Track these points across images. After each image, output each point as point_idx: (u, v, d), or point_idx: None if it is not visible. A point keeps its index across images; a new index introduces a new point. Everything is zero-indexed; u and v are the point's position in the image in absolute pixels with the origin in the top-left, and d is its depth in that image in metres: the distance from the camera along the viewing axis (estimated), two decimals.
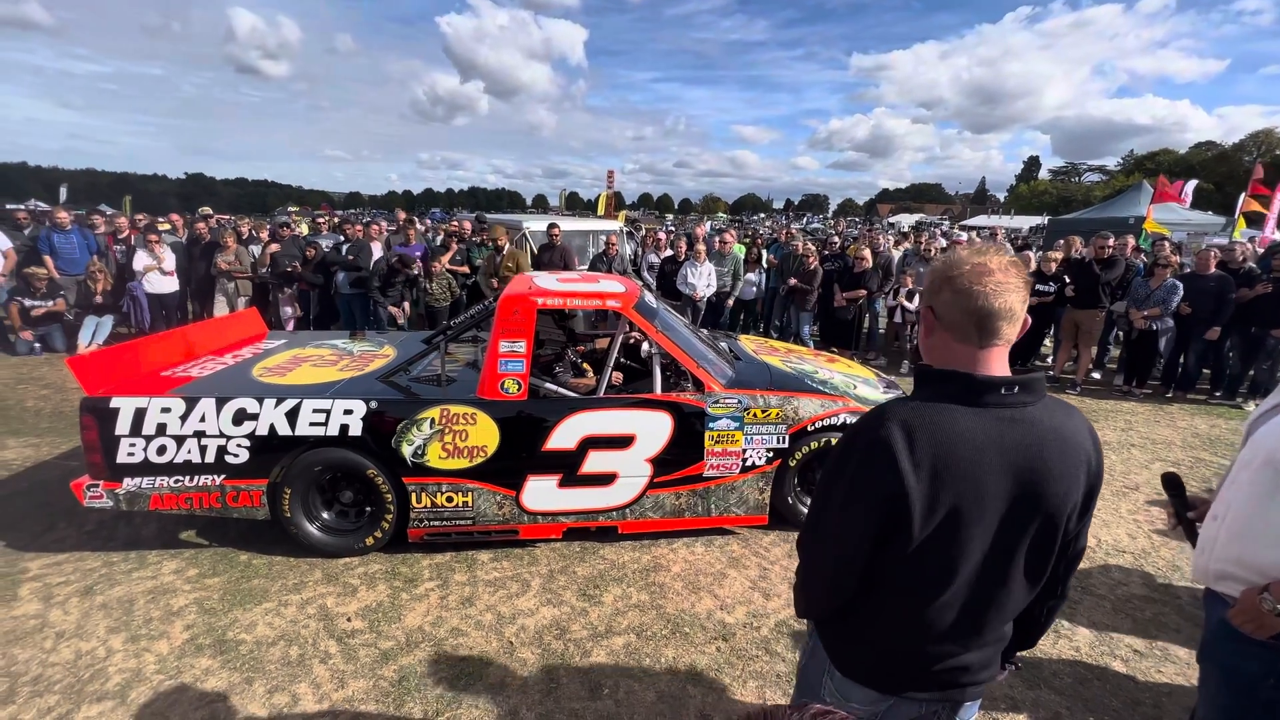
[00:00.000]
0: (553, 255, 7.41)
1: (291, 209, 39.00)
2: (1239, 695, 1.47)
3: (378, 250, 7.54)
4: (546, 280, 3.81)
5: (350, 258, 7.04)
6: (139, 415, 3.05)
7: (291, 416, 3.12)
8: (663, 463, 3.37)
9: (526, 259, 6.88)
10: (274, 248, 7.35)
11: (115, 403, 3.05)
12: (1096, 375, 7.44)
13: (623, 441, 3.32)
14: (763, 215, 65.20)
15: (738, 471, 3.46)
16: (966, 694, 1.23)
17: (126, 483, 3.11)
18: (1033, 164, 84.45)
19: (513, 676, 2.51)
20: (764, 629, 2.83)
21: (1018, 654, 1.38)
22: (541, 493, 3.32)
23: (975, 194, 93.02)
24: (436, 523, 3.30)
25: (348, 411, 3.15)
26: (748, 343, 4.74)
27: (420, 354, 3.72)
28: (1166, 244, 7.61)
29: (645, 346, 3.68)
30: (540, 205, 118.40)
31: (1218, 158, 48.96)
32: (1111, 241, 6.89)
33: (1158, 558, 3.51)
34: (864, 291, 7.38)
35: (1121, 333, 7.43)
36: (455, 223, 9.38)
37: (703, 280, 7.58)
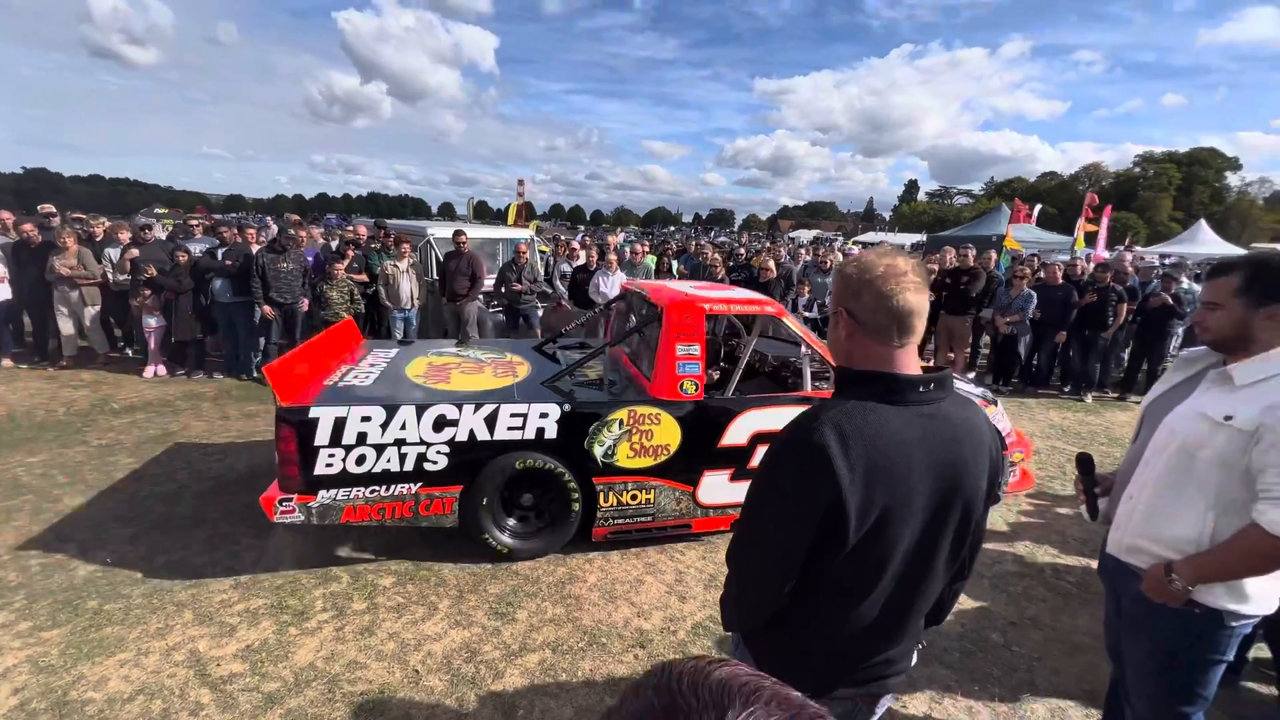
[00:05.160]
0: (459, 264, 7.15)
1: (159, 210, 34.90)
2: (1164, 660, 1.65)
3: None
4: (688, 287, 3.93)
5: (228, 263, 6.40)
6: (339, 425, 2.93)
7: (490, 421, 3.11)
8: None
9: None
10: (134, 252, 6.52)
11: (314, 412, 2.92)
12: (970, 376, 8.23)
13: None
14: (673, 229, 66.82)
15: None
16: (888, 686, 1.24)
17: (321, 495, 2.98)
18: (912, 187, 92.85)
19: (419, 707, 2.34)
20: (681, 632, 2.84)
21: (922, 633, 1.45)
22: (716, 487, 3.46)
23: (864, 212, 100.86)
24: (620, 520, 3.40)
25: (543, 415, 3.18)
26: None
27: (581, 360, 3.72)
28: (1035, 259, 8.61)
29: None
30: (447, 213, 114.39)
31: (1059, 186, 56.44)
32: (971, 253, 7.73)
33: (1026, 536, 3.91)
34: None
35: (989, 336, 8.29)
36: (350, 229, 8.81)
37: (615, 289, 7.59)
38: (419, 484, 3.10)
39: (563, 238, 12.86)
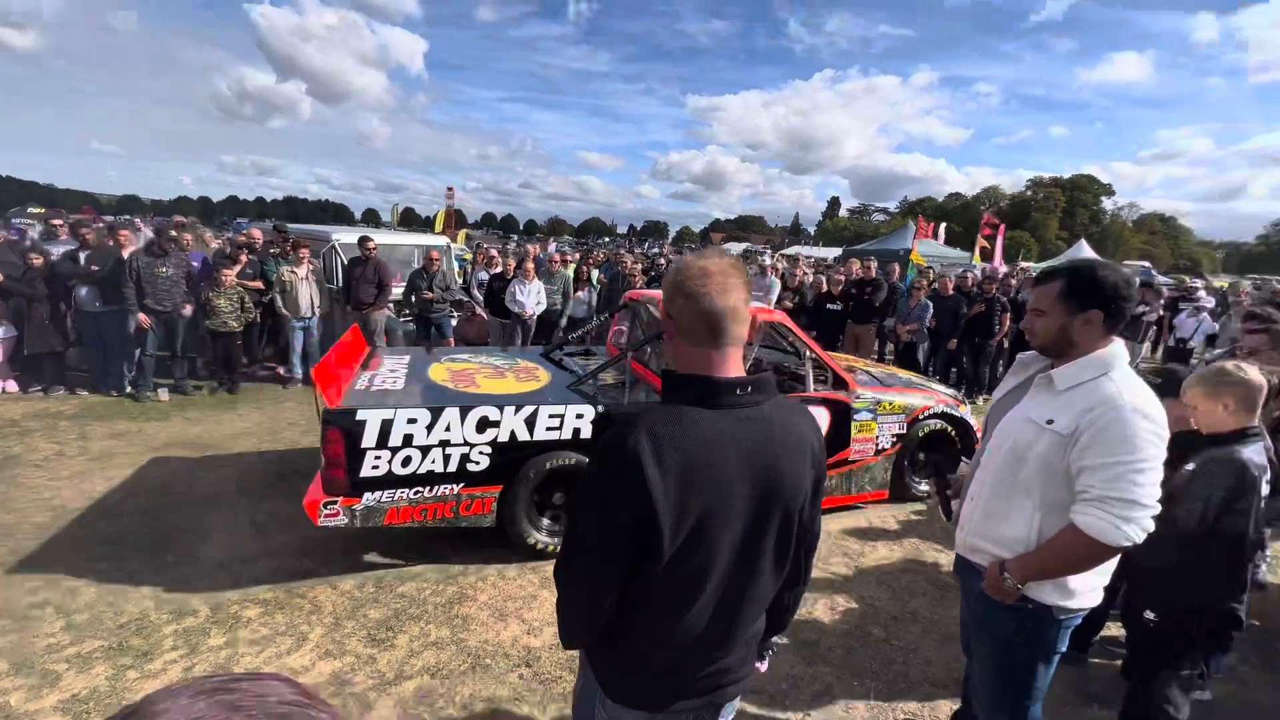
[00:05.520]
0: (365, 270, 6.81)
1: (32, 209, 31.26)
2: (1002, 654, 1.72)
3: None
4: None
5: (93, 268, 5.78)
6: (385, 427, 2.96)
7: (530, 422, 3.19)
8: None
9: None
10: None
11: (362, 414, 2.94)
12: (936, 377, 8.64)
13: None
14: (607, 239, 67.14)
15: (872, 454, 4.13)
16: (727, 695, 1.22)
17: (366, 498, 3.01)
18: (834, 204, 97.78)
19: None
20: None
21: (771, 640, 1.42)
22: None
23: (791, 227, 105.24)
24: None
25: (579, 416, 3.28)
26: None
27: (604, 365, 3.78)
28: (931, 271, 9.18)
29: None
30: (371, 220, 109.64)
31: (963, 206, 61.11)
32: (873, 264, 8.18)
33: (914, 534, 4.10)
34: None
35: (891, 344, 8.76)
36: (245, 233, 8.23)
37: (531, 298, 7.47)
38: (461, 484, 3.16)
39: (483, 245, 12.59)
